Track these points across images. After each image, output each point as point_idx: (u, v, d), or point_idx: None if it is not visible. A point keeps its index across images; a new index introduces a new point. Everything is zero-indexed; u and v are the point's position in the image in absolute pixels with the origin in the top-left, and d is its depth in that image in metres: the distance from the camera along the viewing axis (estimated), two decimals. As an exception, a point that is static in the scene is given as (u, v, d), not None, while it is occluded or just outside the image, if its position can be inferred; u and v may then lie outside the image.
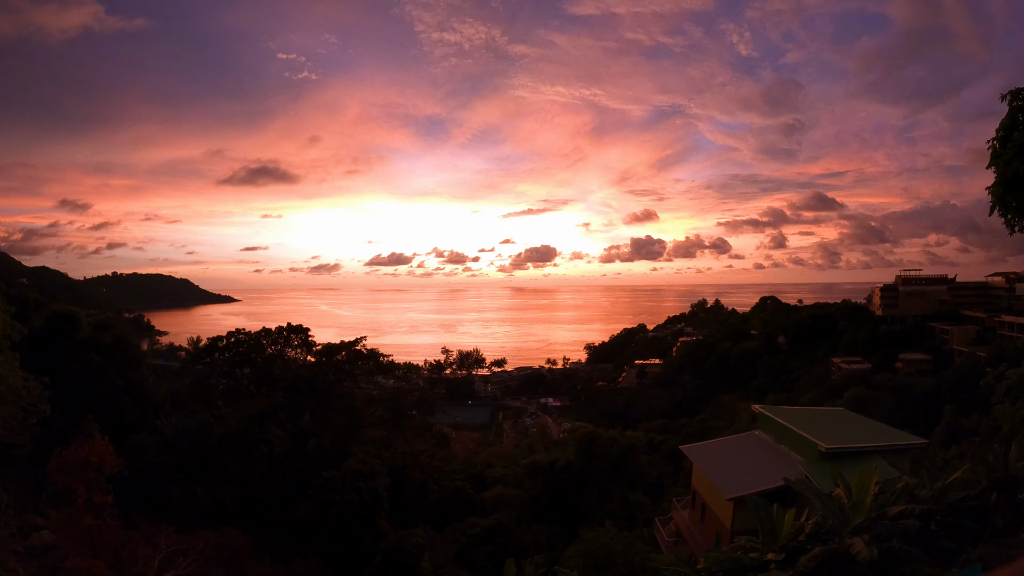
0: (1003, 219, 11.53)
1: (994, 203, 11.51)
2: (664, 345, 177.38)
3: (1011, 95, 11.24)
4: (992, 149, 11.45)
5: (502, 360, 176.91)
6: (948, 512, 10.11)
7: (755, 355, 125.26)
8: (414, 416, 46.58)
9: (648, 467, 50.76)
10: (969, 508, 10.10)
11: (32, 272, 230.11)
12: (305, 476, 34.31)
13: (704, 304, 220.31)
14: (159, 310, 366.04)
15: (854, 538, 8.35)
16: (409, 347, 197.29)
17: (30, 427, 22.03)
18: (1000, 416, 27.26)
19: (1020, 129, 11.01)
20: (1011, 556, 8.21)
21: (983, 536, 9.51)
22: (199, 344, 55.72)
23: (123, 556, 20.90)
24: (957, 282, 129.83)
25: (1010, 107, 11.22)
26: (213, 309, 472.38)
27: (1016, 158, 10.71)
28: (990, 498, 10.18)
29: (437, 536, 36.63)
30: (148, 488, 29.47)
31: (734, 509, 21.23)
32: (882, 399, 68.78)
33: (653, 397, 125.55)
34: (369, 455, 37.66)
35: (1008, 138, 11.11)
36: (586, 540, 24.47)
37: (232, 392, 42.25)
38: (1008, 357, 60.69)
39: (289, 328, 44.13)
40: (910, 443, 23.00)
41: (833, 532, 9.10)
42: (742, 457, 25.58)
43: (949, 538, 9.54)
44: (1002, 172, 11.11)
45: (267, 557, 28.06)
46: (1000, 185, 11.22)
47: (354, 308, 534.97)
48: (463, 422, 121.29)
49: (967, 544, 9.37)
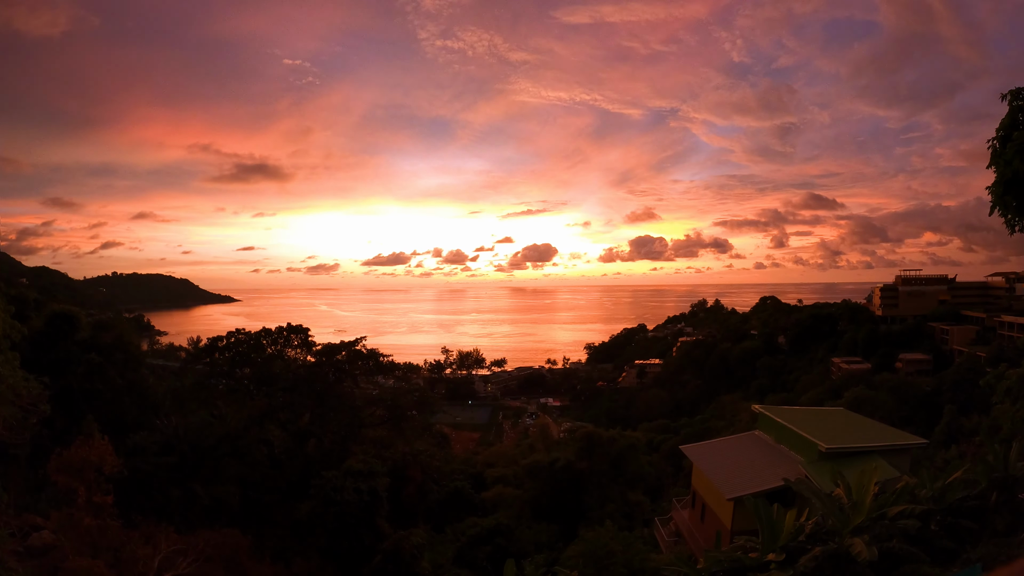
0: (1003, 219, 11.52)
1: (994, 203, 11.49)
2: (664, 345, 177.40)
3: (1011, 95, 11.22)
4: (992, 149, 11.44)
5: (502, 360, 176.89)
6: (948, 512, 10.10)
7: (755, 355, 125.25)
8: (414, 416, 46.57)
9: (648, 467, 50.72)
10: (969, 508, 10.09)
11: (32, 272, 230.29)
12: (305, 476, 34.30)
13: (704, 304, 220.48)
14: (159, 310, 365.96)
15: (854, 538, 8.35)
16: (409, 347, 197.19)
17: (30, 427, 22.01)
18: (1000, 416, 27.27)
19: (1020, 129, 11.00)
20: (1011, 556, 8.21)
21: (983, 536, 9.50)
22: (199, 344, 55.69)
23: (123, 556, 20.87)
24: (957, 282, 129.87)
25: (1010, 107, 11.20)
26: (213, 309, 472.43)
27: (1016, 157, 10.69)
28: (990, 498, 10.16)
29: (437, 536, 36.63)
30: (148, 488, 29.47)
31: (734, 509, 21.24)
32: (882, 399, 68.75)
33: (653, 397, 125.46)
34: (369, 455, 37.65)
35: (1008, 138, 11.09)
36: (586, 540, 24.45)
37: (232, 392, 42.24)
38: (1008, 357, 60.83)
39: (289, 328, 44.16)
40: (910, 443, 23.00)
41: (833, 532, 9.09)
42: (742, 457, 25.58)
43: (949, 538, 9.53)
44: (1002, 172, 11.09)
45: (267, 557, 28.05)
46: (1000, 185, 11.20)
47: (353, 308, 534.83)
48: (463, 422, 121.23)
49: (967, 544, 9.36)
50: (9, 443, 21.85)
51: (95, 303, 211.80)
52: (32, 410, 21.97)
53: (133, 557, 20.50)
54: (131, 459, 29.24)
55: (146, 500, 28.50)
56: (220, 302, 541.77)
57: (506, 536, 34.73)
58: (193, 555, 21.30)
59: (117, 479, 24.34)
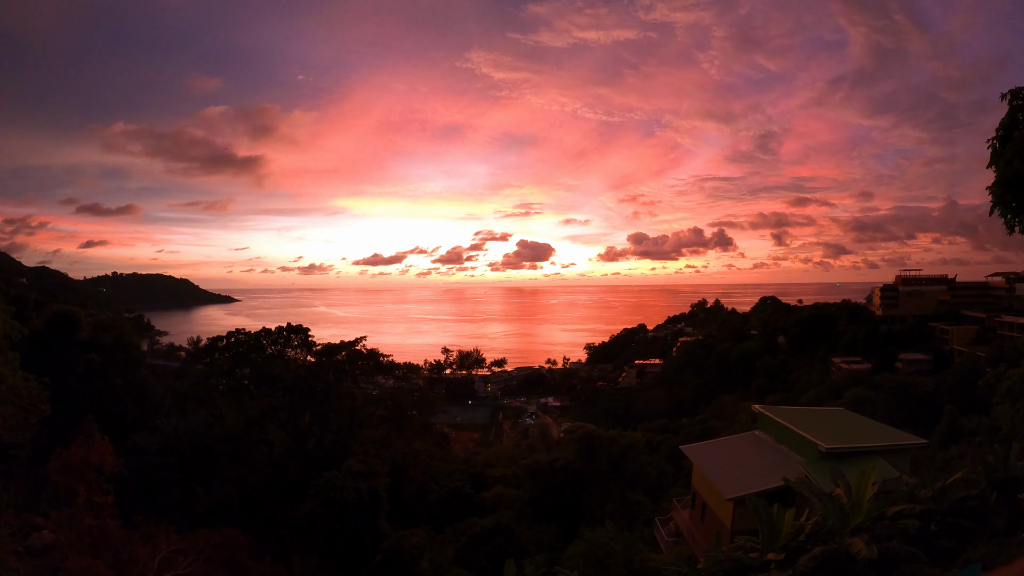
0: (1003, 219, 11.51)
1: (994, 203, 11.49)
2: (664, 345, 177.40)
3: (1011, 94, 11.21)
4: (992, 148, 11.43)
5: (502, 360, 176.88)
6: (948, 512, 10.09)
7: (755, 355, 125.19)
8: (414, 416, 46.59)
9: (648, 467, 50.70)
10: (969, 508, 10.08)
11: (32, 272, 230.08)
12: (305, 476, 34.29)
13: (704, 304, 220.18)
14: (159, 310, 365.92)
15: (854, 538, 8.34)
16: (409, 347, 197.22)
17: (30, 427, 22.03)
18: (1000, 416, 27.25)
19: (1020, 128, 10.99)
20: (1011, 556, 8.21)
21: (983, 536, 9.49)
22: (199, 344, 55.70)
23: (123, 556, 20.87)
24: (957, 282, 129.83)
25: (1010, 106, 11.19)
26: (213, 309, 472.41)
27: (1016, 157, 10.69)
28: (990, 498, 10.16)
29: (437, 536, 36.60)
30: (148, 488, 29.50)
31: (734, 509, 21.23)
32: (882, 399, 68.71)
33: (653, 397, 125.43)
34: (369, 455, 37.66)
35: (1008, 137, 11.08)
36: (586, 540, 24.41)
37: (232, 392, 42.26)
38: (1008, 357, 60.83)
39: (289, 328, 44.17)
40: (910, 443, 22.97)
41: (833, 532, 9.09)
42: (742, 457, 25.57)
43: (949, 538, 9.53)
44: (1002, 172, 11.08)
45: (267, 557, 28.03)
46: (1000, 185, 11.18)
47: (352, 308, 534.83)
48: (463, 422, 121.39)
49: (967, 544, 9.35)
50: (9, 443, 21.85)
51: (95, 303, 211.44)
52: (32, 410, 21.99)
53: (133, 557, 20.50)
54: (131, 459, 29.27)
55: (146, 500, 28.50)
56: (220, 302, 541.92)
57: (506, 536, 34.72)
58: (193, 555, 21.29)
59: (117, 479, 24.37)
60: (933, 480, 11.22)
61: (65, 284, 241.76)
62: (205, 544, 22.83)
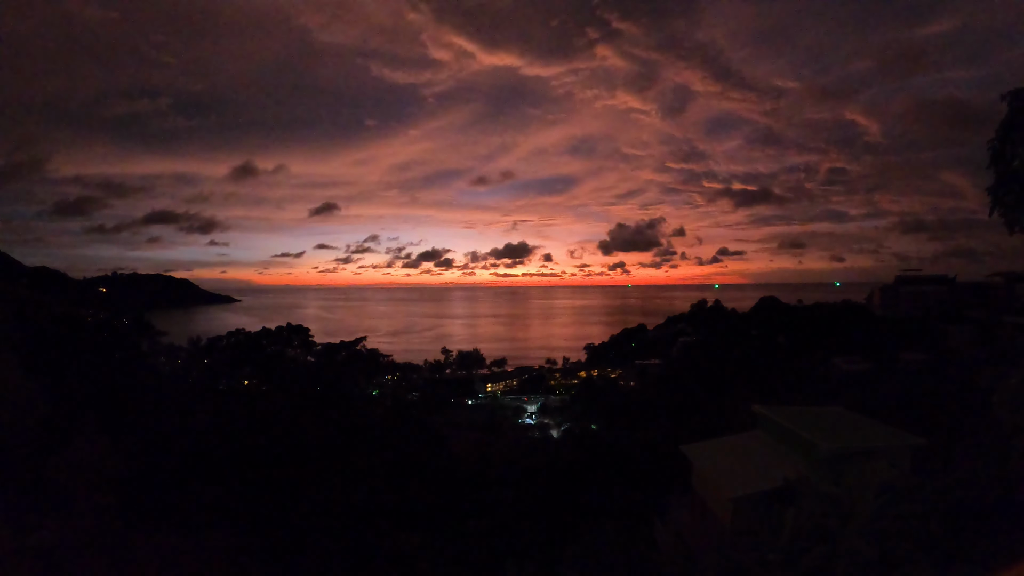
0: (1003, 219, 11.53)
1: (994, 203, 11.51)
2: (664, 345, 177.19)
3: (1011, 95, 11.24)
4: (992, 149, 11.45)
5: (502, 360, 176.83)
6: (948, 512, 10.10)
7: (755, 355, 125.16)
8: (414, 415, 46.60)
9: (648, 467, 50.69)
10: (969, 508, 10.09)
11: (32, 272, 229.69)
12: (305, 476, 34.30)
13: (704, 304, 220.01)
14: (159, 310, 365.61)
15: (854, 538, 8.34)
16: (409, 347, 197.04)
17: (30, 427, 22.00)
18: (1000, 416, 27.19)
19: (1020, 129, 11.01)
20: (1011, 556, 8.21)
21: (983, 536, 9.49)
22: (199, 344, 55.69)
23: (123, 556, 20.85)
24: (957, 282, 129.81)
25: (1009, 107, 11.22)
26: (213, 309, 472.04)
27: (1016, 158, 10.72)
28: (990, 498, 10.16)
29: (437, 536, 36.59)
30: (148, 488, 29.47)
31: (734, 509, 21.23)
32: (882, 399, 68.65)
33: (653, 397, 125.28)
34: (369, 455, 37.66)
35: (1008, 138, 11.11)
36: (586, 540, 24.43)
37: (232, 392, 42.28)
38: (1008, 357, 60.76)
39: (289, 328, 44.22)
40: (910, 443, 22.97)
41: (833, 532, 9.09)
42: (742, 457, 25.55)
43: (949, 538, 9.53)
44: (1002, 172, 11.11)
45: (267, 557, 28.02)
46: (1000, 185, 11.22)
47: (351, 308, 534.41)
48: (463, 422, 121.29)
49: (967, 544, 9.35)
50: (9, 443, 21.83)
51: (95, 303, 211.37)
52: (32, 410, 21.96)
53: (133, 557, 20.49)
54: (131, 459, 29.23)
55: (146, 500, 28.48)
56: (220, 302, 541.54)
57: (506, 536, 34.72)
58: (193, 555, 21.28)
59: (117, 479, 24.32)
60: (933, 480, 11.22)
61: (65, 284, 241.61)
62: (205, 544, 22.83)
